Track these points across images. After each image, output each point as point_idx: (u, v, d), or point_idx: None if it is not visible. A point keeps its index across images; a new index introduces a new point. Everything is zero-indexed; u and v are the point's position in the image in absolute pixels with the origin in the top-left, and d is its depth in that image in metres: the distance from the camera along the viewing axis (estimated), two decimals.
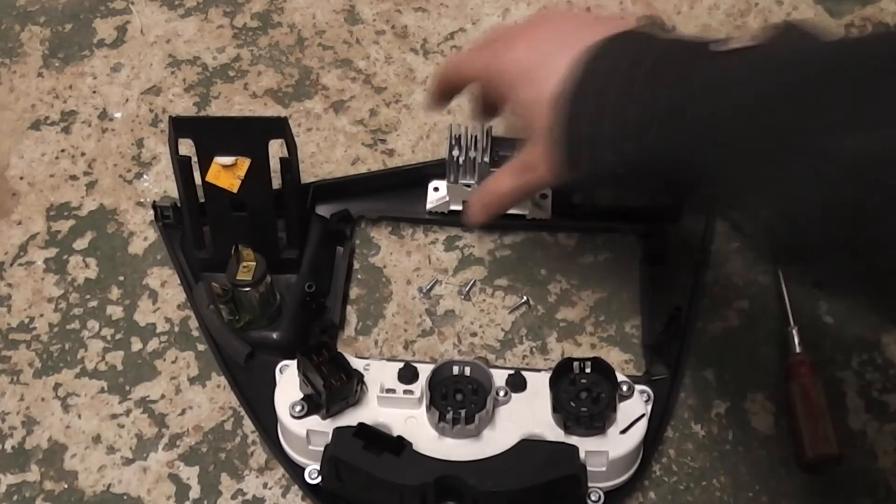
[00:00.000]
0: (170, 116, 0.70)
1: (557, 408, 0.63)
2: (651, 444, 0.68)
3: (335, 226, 0.78)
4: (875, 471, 0.70)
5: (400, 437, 0.63)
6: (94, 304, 0.78)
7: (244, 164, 0.71)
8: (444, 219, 0.79)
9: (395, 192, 0.80)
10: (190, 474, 0.71)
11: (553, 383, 0.63)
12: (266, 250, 0.74)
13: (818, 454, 0.68)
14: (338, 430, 0.63)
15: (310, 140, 0.85)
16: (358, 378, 0.63)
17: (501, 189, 0.63)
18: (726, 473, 0.70)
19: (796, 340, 0.72)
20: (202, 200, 0.74)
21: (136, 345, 0.76)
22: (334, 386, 0.63)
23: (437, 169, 0.78)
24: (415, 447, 0.63)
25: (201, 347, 0.75)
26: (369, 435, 0.63)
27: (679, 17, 0.90)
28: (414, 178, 0.80)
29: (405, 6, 0.92)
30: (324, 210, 0.79)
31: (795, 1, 0.90)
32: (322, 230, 0.77)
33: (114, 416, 0.74)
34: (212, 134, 0.71)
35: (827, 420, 0.68)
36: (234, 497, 0.70)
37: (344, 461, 0.62)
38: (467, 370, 0.64)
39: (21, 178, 0.85)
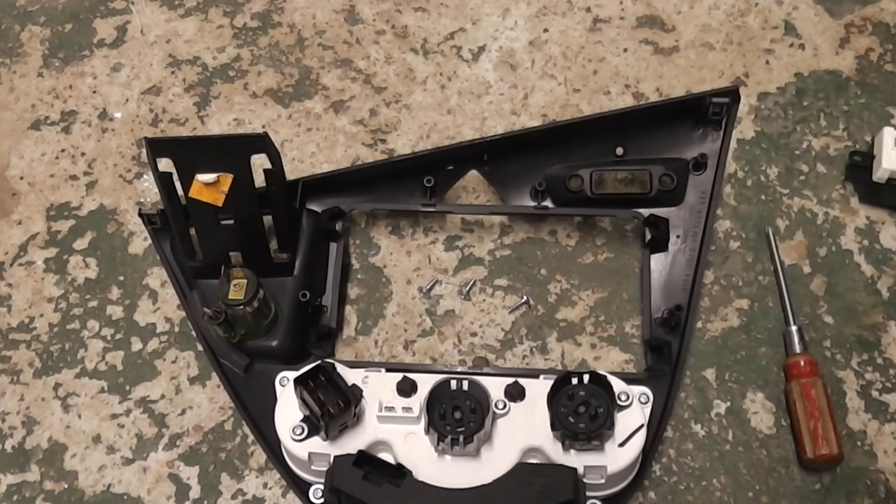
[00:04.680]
0: (145, 138, 0.70)
1: (556, 425, 0.63)
2: (651, 444, 0.68)
3: (326, 224, 0.78)
4: (875, 471, 0.70)
5: (400, 466, 0.63)
6: (94, 304, 0.78)
7: (227, 179, 0.70)
8: (438, 210, 0.78)
9: (387, 183, 0.80)
10: (190, 474, 0.71)
11: (551, 399, 0.63)
12: (257, 255, 0.74)
13: (818, 454, 0.68)
14: (338, 459, 0.63)
15: (310, 140, 0.85)
16: (356, 400, 0.63)
17: None
18: (726, 473, 0.70)
19: (796, 340, 0.72)
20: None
21: (136, 345, 0.76)
22: (332, 413, 0.63)
23: (427, 159, 0.78)
24: (415, 471, 0.63)
25: (201, 347, 0.75)
26: (369, 463, 0.63)
27: (679, 16, 0.90)
28: (405, 169, 0.79)
29: (405, 6, 0.92)
30: (315, 206, 0.79)
31: (795, 1, 0.90)
32: (314, 228, 0.77)
33: (114, 416, 0.74)
34: (190, 153, 0.70)
35: (827, 420, 0.68)
36: (234, 497, 0.70)
37: (345, 493, 0.63)
38: (465, 384, 0.64)
39: (21, 178, 0.85)
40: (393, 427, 0.65)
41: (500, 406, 0.65)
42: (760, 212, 0.80)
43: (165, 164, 0.71)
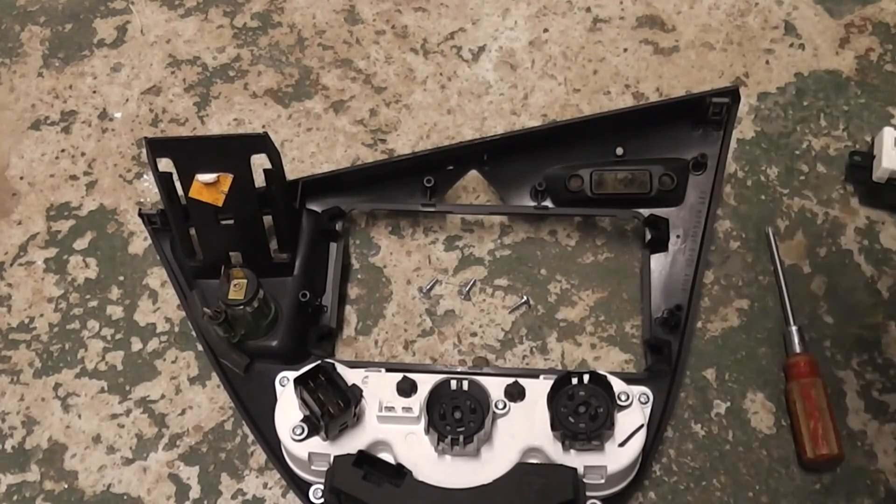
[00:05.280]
0: (145, 138, 0.70)
1: (556, 425, 0.63)
2: (651, 444, 0.68)
3: (326, 224, 0.78)
4: (875, 471, 0.70)
5: (400, 465, 0.63)
6: (94, 304, 0.78)
7: (227, 179, 0.70)
8: (438, 210, 0.78)
9: (387, 183, 0.80)
10: (190, 474, 0.71)
11: (551, 399, 0.63)
12: (257, 255, 0.74)
13: (818, 454, 0.68)
14: (338, 459, 0.63)
15: (310, 140, 0.85)
16: (356, 400, 0.63)
17: None
18: (726, 473, 0.70)
19: (796, 340, 0.72)
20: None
21: (136, 345, 0.76)
22: (332, 413, 0.63)
23: (427, 159, 0.78)
24: (415, 471, 0.63)
25: (201, 347, 0.75)
26: (369, 462, 0.63)
27: (679, 16, 0.90)
28: (405, 169, 0.79)
29: (405, 6, 0.92)
30: (315, 206, 0.79)
31: (795, 1, 0.90)
32: (314, 228, 0.77)
33: (114, 416, 0.74)
34: (190, 153, 0.70)
35: (827, 420, 0.68)
36: (234, 497, 0.70)
37: (345, 493, 0.63)
38: (465, 384, 0.64)
39: (21, 178, 0.85)
40: (393, 427, 0.65)
41: (500, 406, 0.65)
42: (760, 212, 0.80)
43: (165, 164, 0.71)
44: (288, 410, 0.66)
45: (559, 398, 0.63)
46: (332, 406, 0.63)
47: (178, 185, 0.72)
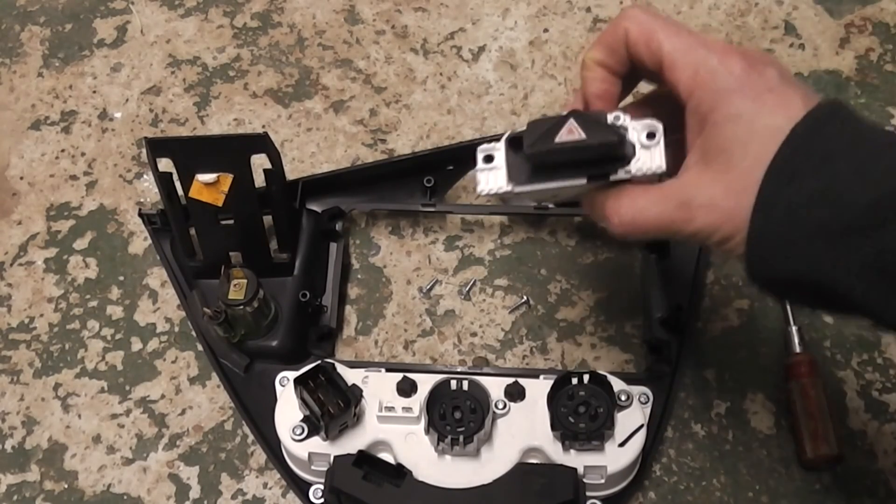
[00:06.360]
0: (145, 138, 0.70)
1: (556, 425, 0.63)
2: (651, 444, 0.68)
3: (326, 224, 0.78)
4: (875, 471, 0.70)
5: (399, 465, 0.63)
6: (94, 304, 0.78)
7: (227, 179, 0.70)
8: (438, 210, 0.78)
9: (387, 183, 0.80)
10: (190, 474, 0.71)
11: (551, 399, 0.63)
12: (257, 255, 0.74)
13: (818, 454, 0.68)
14: (338, 460, 0.63)
15: (310, 140, 0.85)
16: (356, 400, 0.63)
17: (641, 220, 0.51)
18: (726, 473, 0.70)
19: (796, 340, 0.72)
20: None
21: (136, 345, 0.76)
22: (332, 413, 0.63)
23: (427, 159, 0.79)
24: (415, 471, 0.63)
25: (201, 347, 0.75)
26: (369, 463, 0.63)
27: (679, 17, 0.90)
28: (405, 169, 0.79)
29: (405, 6, 0.92)
30: (315, 206, 0.79)
31: (795, 1, 0.90)
32: (314, 228, 0.77)
33: (114, 416, 0.74)
34: (190, 153, 0.70)
35: (827, 420, 0.68)
36: (234, 497, 0.70)
37: (345, 493, 0.63)
38: (465, 384, 0.64)
39: (21, 178, 0.85)
40: (393, 427, 0.65)
41: (500, 406, 0.65)
42: None
43: (165, 164, 0.71)
44: (288, 410, 0.66)
45: (559, 398, 0.63)
46: (332, 406, 0.63)
47: (178, 185, 0.72)
